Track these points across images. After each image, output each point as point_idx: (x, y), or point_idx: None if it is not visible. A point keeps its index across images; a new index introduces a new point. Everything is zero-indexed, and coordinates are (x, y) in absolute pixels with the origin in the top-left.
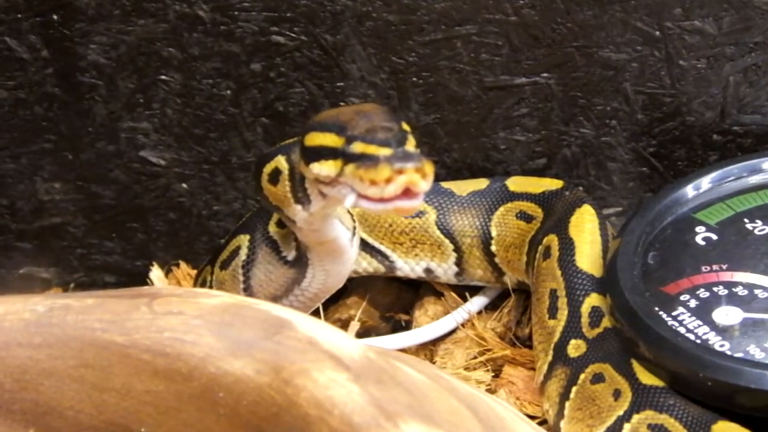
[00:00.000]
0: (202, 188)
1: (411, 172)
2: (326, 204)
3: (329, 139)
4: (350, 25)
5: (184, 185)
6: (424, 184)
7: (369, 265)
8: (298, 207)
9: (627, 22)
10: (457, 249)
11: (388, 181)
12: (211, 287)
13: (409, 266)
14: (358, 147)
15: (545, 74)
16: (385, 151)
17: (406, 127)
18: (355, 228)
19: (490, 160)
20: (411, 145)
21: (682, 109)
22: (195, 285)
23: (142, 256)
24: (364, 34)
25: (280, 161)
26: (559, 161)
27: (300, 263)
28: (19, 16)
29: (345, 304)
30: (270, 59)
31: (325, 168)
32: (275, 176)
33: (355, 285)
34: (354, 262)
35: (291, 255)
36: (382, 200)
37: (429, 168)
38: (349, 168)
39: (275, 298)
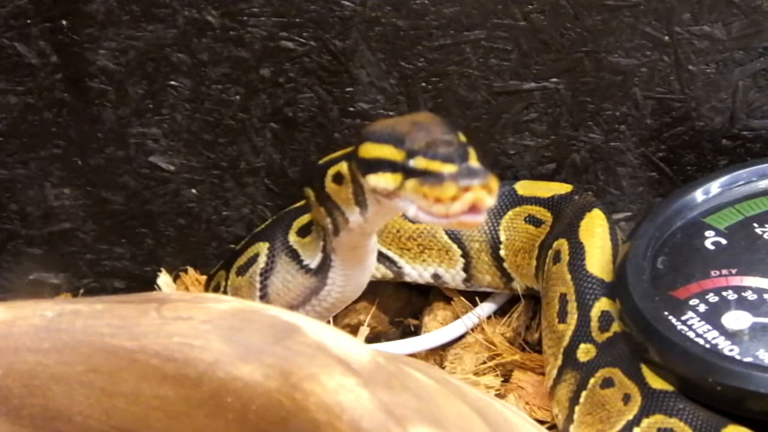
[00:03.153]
0: (211, 193)
1: (477, 190)
2: (381, 212)
3: (387, 152)
4: (359, 31)
5: (194, 190)
6: (490, 200)
7: (377, 270)
8: (357, 209)
9: (636, 27)
10: (465, 254)
11: (454, 199)
12: (225, 293)
13: (417, 272)
14: (420, 163)
15: (554, 79)
16: (449, 168)
17: (463, 138)
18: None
19: (500, 165)
20: (474, 160)
21: (691, 114)
22: (207, 289)
23: (152, 262)
24: (373, 39)
25: (343, 166)
26: (568, 166)
27: (322, 270)
28: (29, 21)
29: (354, 309)
30: (279, 65)
31: (383, 180)
32: (339, 178)
33: (365, 290)
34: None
35: (314, 262)
36: (447, 216)
37: (494, 183)
38: (411, 183)
39: (291, 308)
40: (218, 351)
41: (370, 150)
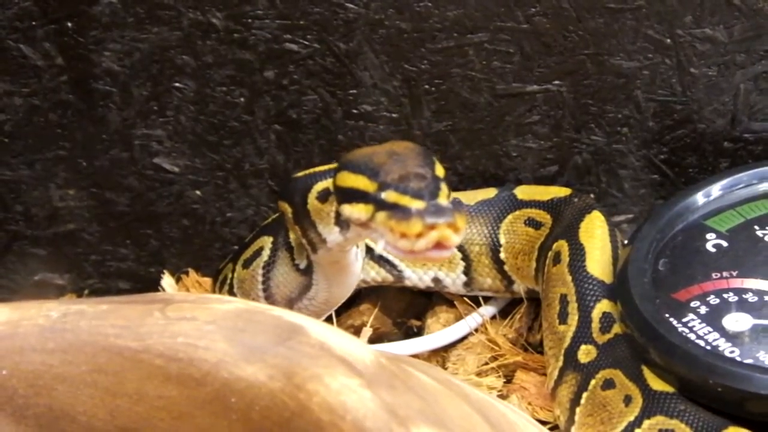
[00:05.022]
0: (215, 195)
1: (443, 228)
2: (363, 234)
3: (361, 182)
4: (363, 33)
5: (198, 192)
6: (456, 238)
7: (377, 274)
8: (336, 229)
9: (638, 30)
10: (466, 258)
11: (419, 235)
12: (231, 285)
13: (417, 276)
14: (390, 196)
15: (557, 82)
16: (417, 204)
17: (439, 171)
18: (358, 245)
19: (502, 168)
20: (444, 197)
21: (693, 116)
22: (215, 283)
23: (156, 263)
24: (377, 41)
25: (329, 183)
26: (570, 168)
27: (309, 272)
28: (34, 23)
29: (358, 310)
30: (283, 67)
31: (356, 211)
32: (325, 195)
33: (368, 292)
34: (363, 271)
35: (303, 264)
36: (412, 252)
37: (461, 222)
38: (381, 216)
39: (290, 300)
40: (222, 351)
41: (346, 179)
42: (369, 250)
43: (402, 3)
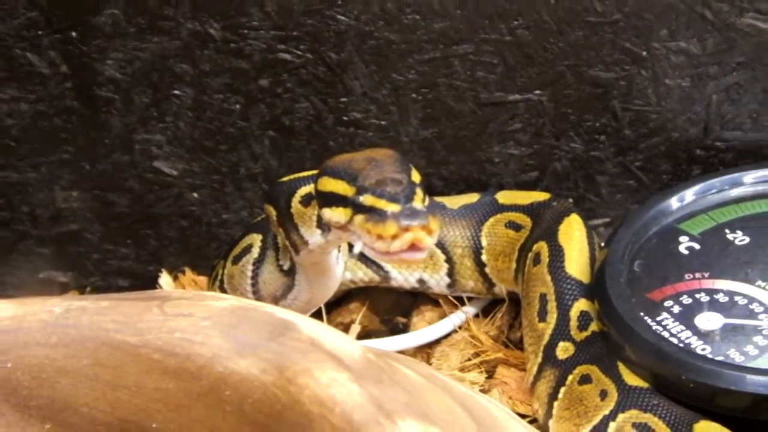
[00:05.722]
0: (212, 197)
1: (417, 230)
2: (343, 236)
3: (341, 187)
4: (353, 44)
5: (195, 194)
6: (429, 240)
7: (365, 275)
8: (318, 231)
9: (616, 43)
10: (449, 259)
11: (394, 237)
12: (222, 280)
13: (402, 276)
14: (368, 200)
15: (538, 91)
16: (393, 207)
17: (415, 177)
18: (339, 246)
19: (485, 173)
20: (419, 201)
21: (667, 125)
22: (210, 279)
23: (155, 262)
24: (367, 52)
25: (312, 188)
26: (550, 174)
27: (291, 273)
28: (40, 32)
29: (347, 308)
30: (277, 75)
31: (335, 215)
32: (308, 199)
33: (357, 291)
34: (351, 272)
35: (286, 265)
36: (387, 253)
37: (435, 225)
38: (359, 219)
39: (275, 298)
40: (217, 346)
41: (327, 184)
42: (366, 259)
43: (391, 15)
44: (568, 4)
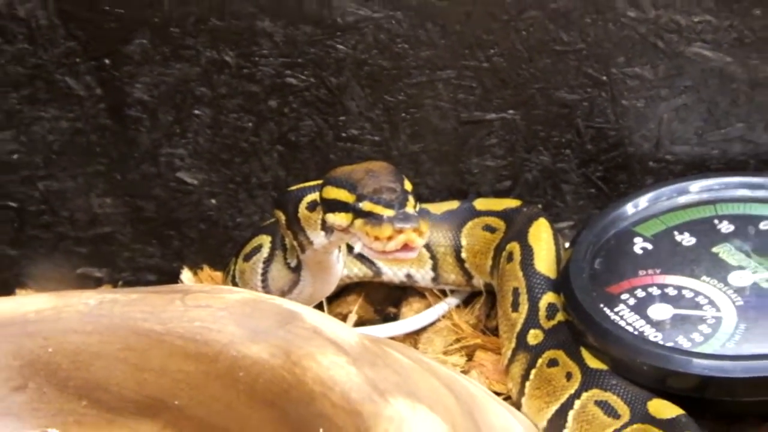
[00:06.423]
0: (227, 204)
1: (409, 232)
2: (344, 238)
3: (342, 195)
4: (351, 70)
5: (213, 201)
6: (420, 241)
7: (360, 271)
8: (322, 233)
9: (579, 68)
10: (433, 257)
11: (390, 238)
12: (234, 275)
13: (392, 272)
14: (366, 206)
15: (511, 111)
16: (388, 212)
17: (407, 185)
18: (340, 246)
19: (465, 183)
20: (411, 206)
21: (624, 141)
22: (225, 274)
23: (178, 259)
24: (362, 77)
25: (317, 196)
26: (522, 183)
27: (298, 270)
28: (77, 60)
29: (345, 300)
30: (284, 97)
31: (338, 219)
32: (313, 205)
33: (353, 286)
34: (348, 269)
35: (293, 263)
36: (384, 252)
37: (425, 227)
38: (359, 223)
39: (282, 292)
40: (232, 333)
41: (330, 192)
42: (361, 258)
43: (383, 45)
44: (538, 35)
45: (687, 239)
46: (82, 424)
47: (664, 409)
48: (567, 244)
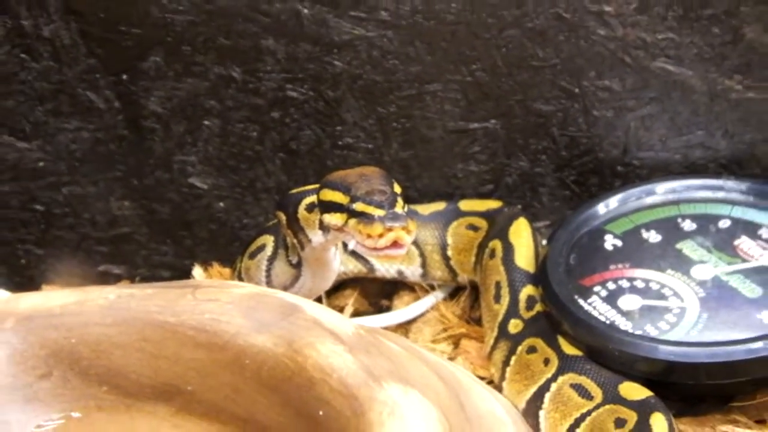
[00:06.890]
0: (234, 206)
1: (398, 230)
2: (339, 236)
3: (338, 197)
4: (346, 84)
5: (221, 204)
6: (408, 238)
7: (355, 267)
8: (320, 232)
9: (554, 82)
10: (422, 254)
11: (381, 236)
12: (240, 272)
13: (384, 268)
14: (359, 206)
15: (493, 120)
16: (379, 212)
17: (397, 188)
18: (337, 244)
19: (451, 186)
20: (400, 207)
21: (594, 147)
22: (232, 271)
23: (190, 257)
24: (357, 90)
25: (315, 198)
26: (503, 186)
27: (298, 266)
28: (97, 76)
29: (342, 294)
30: (286, 109)
31: (334, 219)
32: (312, 207)
33: (350, 281)
34: (344, 266)
35: (294, 260)
36: (375, 249)
37: (412, 226)
38: (352, 222)
39: (285, 286)
40: (239, 325)
41: (326, 194)
42: (356, 255)
43: (376, 61)
44: (516, 51)
45: (653, 236)
46: (102, 408)
47: (634, 391)
48: (544, 242)
